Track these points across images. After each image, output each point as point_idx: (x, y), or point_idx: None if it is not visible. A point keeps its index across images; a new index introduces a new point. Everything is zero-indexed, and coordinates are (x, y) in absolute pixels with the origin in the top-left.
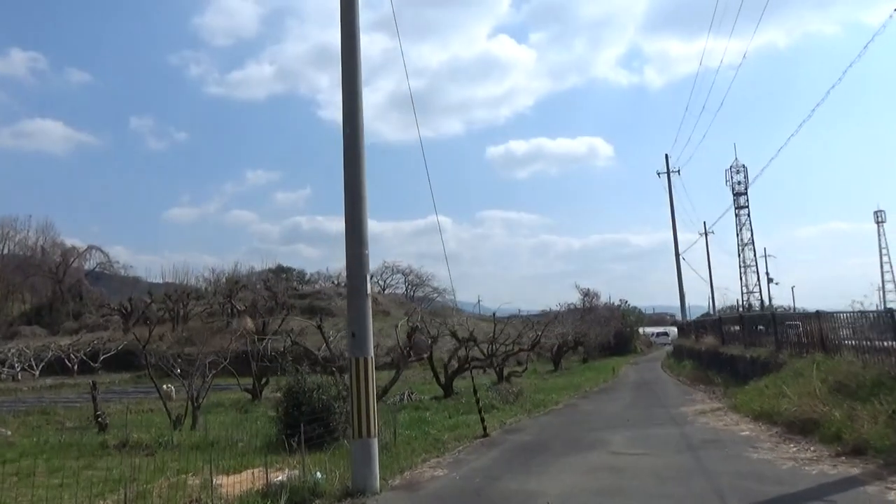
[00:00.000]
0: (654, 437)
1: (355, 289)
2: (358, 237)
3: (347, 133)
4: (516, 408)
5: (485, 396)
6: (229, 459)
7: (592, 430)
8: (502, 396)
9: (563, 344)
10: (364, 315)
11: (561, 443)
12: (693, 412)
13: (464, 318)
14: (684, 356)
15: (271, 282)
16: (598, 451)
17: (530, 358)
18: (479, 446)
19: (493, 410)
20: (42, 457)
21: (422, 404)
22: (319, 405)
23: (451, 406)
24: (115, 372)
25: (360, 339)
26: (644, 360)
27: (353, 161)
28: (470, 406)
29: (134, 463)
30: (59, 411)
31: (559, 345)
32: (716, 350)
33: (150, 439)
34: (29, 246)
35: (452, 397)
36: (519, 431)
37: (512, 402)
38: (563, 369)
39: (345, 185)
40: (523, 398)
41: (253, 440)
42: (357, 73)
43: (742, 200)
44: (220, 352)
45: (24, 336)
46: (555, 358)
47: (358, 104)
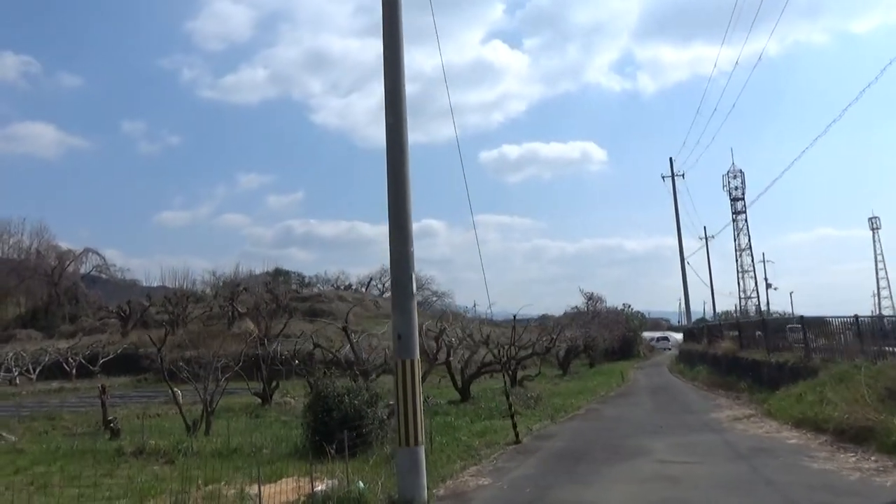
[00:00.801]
0: (697, 445)
1: (401, 288)
2: (402, 234)
3: (390, 123)
4: (539, 413)
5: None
6: (257, 467)
7: (627, 436)
8: (523, 401)
9: (571, 348)
10: (410, 316)
11: (600, 450)
12: (726, 418)
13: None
14: (696, 361)
15: (272, 284)
16: (642, 459)
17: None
18: (514, 454)
19: (516, 415)
20: (56, 465)
21: (441, 409)
22: (351, 410)
23: (470, 411)
24: (115, 375)
25: (406, 341)
26: (648, 364)
27: (397, 151)
28: (490, 411)
29: (155, 471)
30: (64, 416)
31: (567, 349)
32: (734, 355)
33: (168, 446)
34: (23, 249)
35: (470, 401)
36: (550, 438)
37: (533, 406)
38: (572, 374)
39: (388, 178)
40: (543, 403)
41: (278, 447)
42: (399, 59)
43: (739, 206)
44: (231, 355)
45: (19, 339)
46: (563, 362)
47: (401, 92)
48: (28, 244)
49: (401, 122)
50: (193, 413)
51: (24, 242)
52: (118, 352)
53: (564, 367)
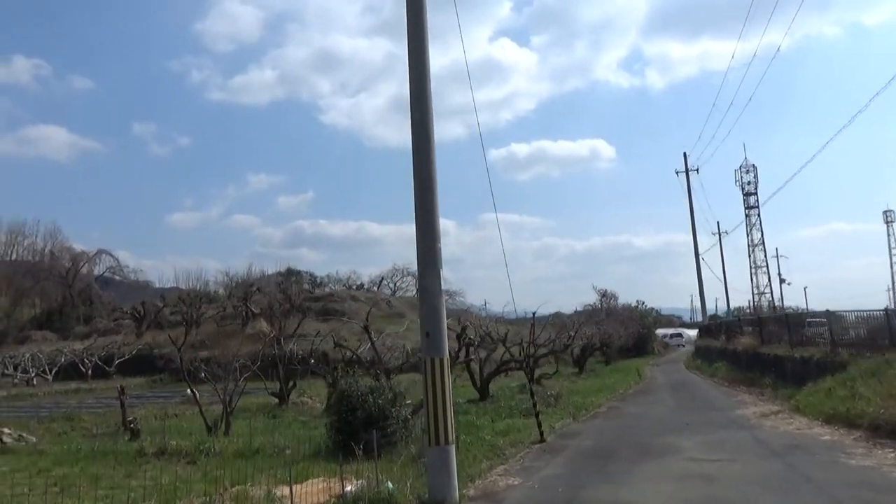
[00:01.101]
0: (728, 442)
1: (428, 285)
2: (429, 230)
3: (416, 118)
4: (559, 411)
5: (525, 400)
6: (287, 468)
7: (653, 434)
8: (543, 400)
9: (587, 346)
10: (438, 313)
11: (628, 449)
12: (752, 415)
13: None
14: (714, 357)
15: (285, 284)
16: (673, 457)
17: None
18: (540, 452)
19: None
20: (77, 466)
21: (461, 408)
22: (375, 410)
23: (491, 410)
24: (130, 376)
25: (434, 339)
26: (663, 361)
27: (423, 147)
28: (511, 410)
29: (177, 472)
30: (83, 417)
31: (583, 346)
32: (755, 351)
33: (189, 446)
34: (37, 251)
35: (489, 400)
36: (575, 436)
37: (553, 405)
38: (588, 371)
39: (414, 174)
40: (563, 401)
41: (300, 447)
42: (424, 54)
43: (752, 200)
44: (247, 355)
45: (34, 341)
46: (579, 360)
47: (426, 87)
48: (42, 246)
49: (427, 117)
50: (211, 413)
51: (38, 244)
52: (133, 352)
53: (580, 364)
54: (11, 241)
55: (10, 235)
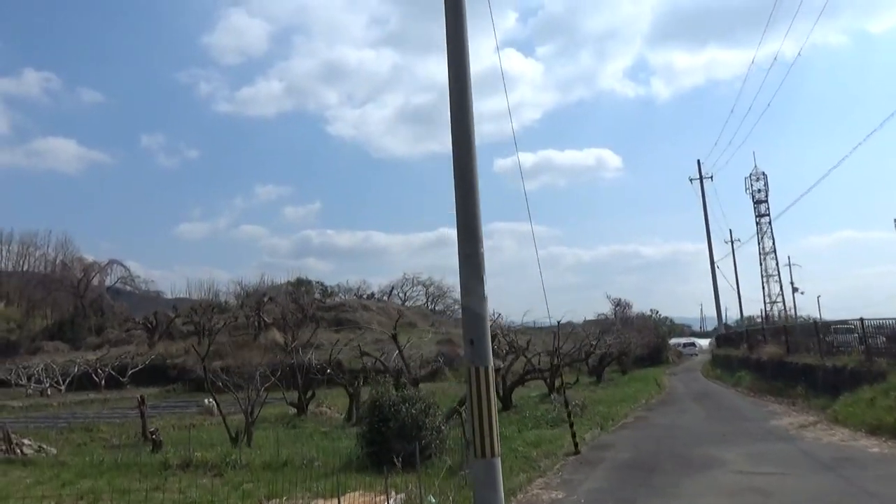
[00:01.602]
0: (772, 455)
1: (471, 291)
2: (471, 234)
3: (457, 118)
4: (586, 421)
5: (550, 410)
6: (314, 481)
7: (691, 446)
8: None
9: (604, 355)
10: (482, 320)
11: (670, 461)
12: (789, 425)
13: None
14: (735, 366)
15: (296, 294)
16: (718, 469)
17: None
18: (577, 465)
19: (563, 424)
20: (102, 478)
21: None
22: (409, 420)
23: (516, 419)
24: (143, 386)
25: (479, 347)
26: (679, 370)
27: (464, 148)
28: (536, 420)
29: (205, 484)
30: (101, 428)
31: (601, 356)
32: (781, 360)
33: (214, 458)
34: (49, 261)
35: (513, 410)
36: (609, 448)
37: (579, 415)
38: (606, 381)
39: (455, 176)
40: (588, 411)
41: (329, 459)
42: (464, 52)
43: (763, 208)
44: (266, 365)
45: (46, 351)
46: (597, 369)
47: (467, 86)
48: (53, 257)
49: (467, 117)
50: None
51: (50, 255)
52: (146, 363)
53: (598, 374)
54: (23, 252)
55: (21, 246)
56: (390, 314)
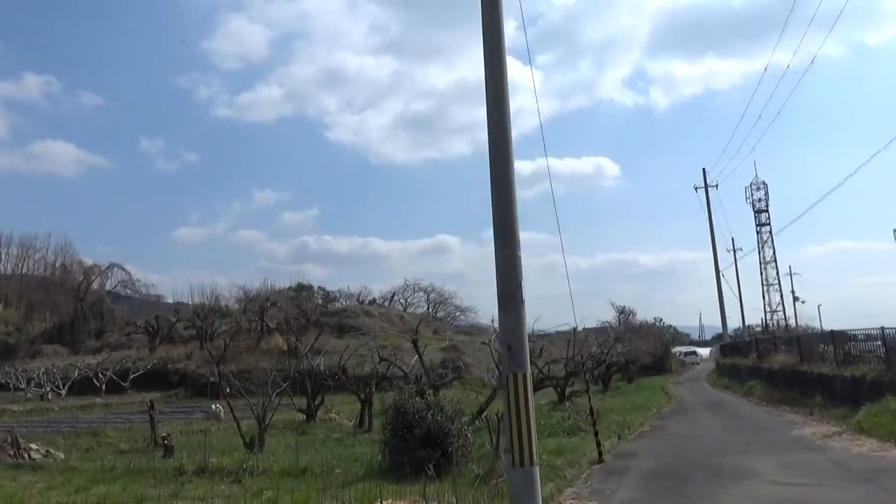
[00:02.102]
0: (803, 465)
1: (509, 295)
2: (509, 236)
3: (495, 119)
4: (603, 430)
5: (565, 417)
6: (337, 489)
7: (717, 455)
8: (584, 418)
9: (611, 363)
10: (520, 325)
11: (699, 470)
12: (812, 435)
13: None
14: (744, 375)
15: (299, 299)
16: (752, 480)
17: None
18: (603, 474)
19: (580, 433)
20: (116, 484)
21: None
22: (434, 427)
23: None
24: (145, 391)
25: (516, 353)
26: (684, 379)
27: (501, 149)
28: (552, 428)
29: (223, 491)
30: (108, 433)
31: (608, 364)
32: (794, 369)
33: (231, 464)
34: (49, 264)
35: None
36: (632, 456)
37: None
38: (612, 389)
39: (491, 178)
40: (602, 419)
41: (350, 466)
42: (501, 50)
43: (763, 218)
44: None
45: (45, 355)
46: (604, 377)
47: (504, 86)
48: (53, 259)
49: (505, 118)
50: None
51: (49, 258)
52: (148, 367)
53: (605, 382)
54: (23, 254)
55: (21, 249)
56: (392, 320)
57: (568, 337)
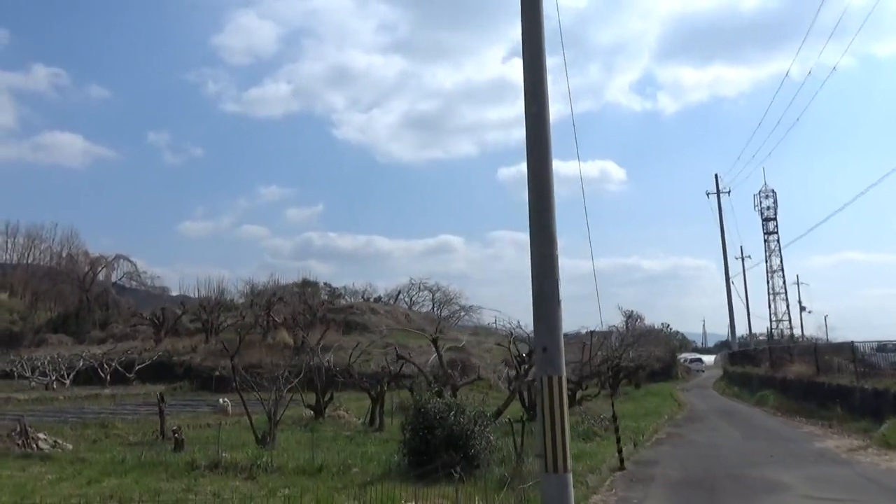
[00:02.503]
0: (833, 479)
1: (545, 296)
2: (546, 234)
3: (533, 112)
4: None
5: (579, 422)
6: (355, 488)
7: (742, 466)
8: (597, 423)
9: (620, 368)
10: (556, 326)
11: (726, 481)
12: (836, 448)
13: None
14: (756, 385)
15: (305, 295)
16: (784, 493)
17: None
18: (627, 481)
19: (595, 438)
20: (128, 477)
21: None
22: (457, 429)
23: None
24: (150, 383)
25: (551, 355)
26: (692, 386)
27: (539, 144)
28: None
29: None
30: (116, 424)
31: (618, 369)
32: (811, 380)
33: (243, 460)
34: (55, 254)
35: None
36: (654, 464)
37: (609, 429)
38: (620, 394)
39: (528, 173)
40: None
41: (367, 466)
42: (540, 42)
43: (771, 226)
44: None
45: (50, 344)
46: (613, 382)
47: (543, 79)
48: (59, 249)
49: (544, 111)
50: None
51: (55, 248)
52: (153, 359)
53: (614, 387)
54: (29, 244)
55: (27, 239)
56: (398, 318)
57: (582, 340)
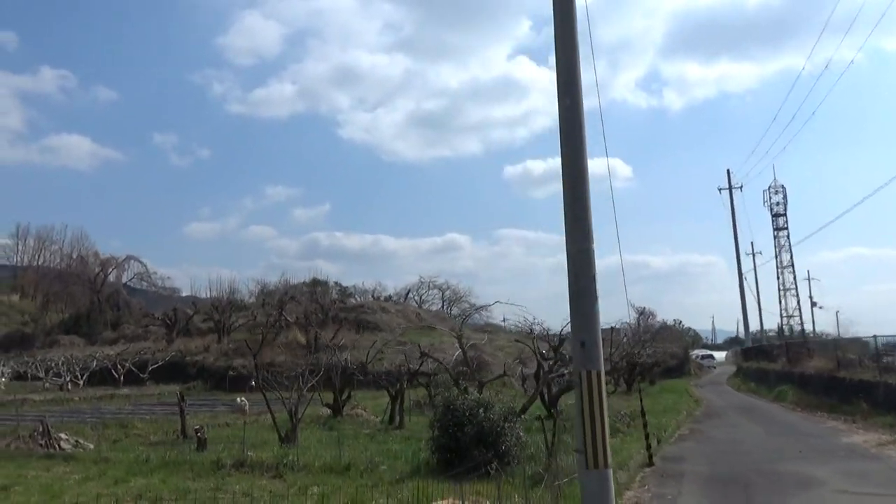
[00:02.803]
0: (867, 474)
1: (582, 290)
2: (582, 228)
3: (567, 105)
4: (639, 432)
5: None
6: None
7: (772, 462)
8: (619, 419)
9: (636, 364)
10: (594, 320)
11: (759, 477)
12: (864, 443)
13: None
14: (773, 380)
15: (317, 294)
16: (820, 488)
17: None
18: (658, 478)
19: (618, 434)
20: (155, 477)
21: (532, 424)
22: (487, 425)
23: (569, 427)
24: (163, 383)
25: (590, 349)
26: (704, 383)
27: (574, 135)
28: None
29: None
30: (136, 424)
31: (633, 365)
32: (831, 375)
33: (269, 459)
34: (65, 255)
35: (560, 417)
36: (681, 460)
37: (630, 425)
38: (635, 391)
39: (563, 165)
40: (637, 422)
41: (394, 463)
42: (573, 32)
43: (781, 222)
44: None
45: (62, 345)
46: (628, 379)
47: (576, 70)
48: (69, 251)
49: (577, 103)
50: (263, 423)
51: (66, 250)
52: (166, 359)
53: (629, 383)
54: (39, 246)
55: (37, 241)
56: (409, 317)
57: None
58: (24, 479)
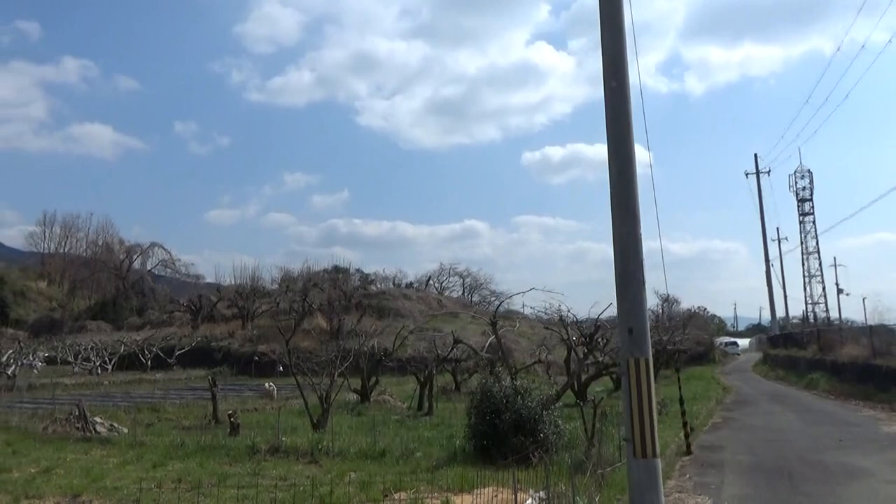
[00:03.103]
0: None
1: (629, 276)
2: (629, 212)
3: (613, 87)
4: (671, 420)
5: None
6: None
7: (813, 451)
8: None
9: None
10: (641, 307)
11: (802, 467)
12: None
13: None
14: (803, 368)
15: (338, 281)
16: (868, 479)
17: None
18: (698, 466)
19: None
20: (192, 461)
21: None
22: (525, 413)
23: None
24: (190, 368)
25: (638, 337)
26: (730, 370)
27: (620, 119)
28: (619, 416)
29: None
30: (167, 408)
31: (658, 352)
32: (866, 362)
33: (304, 444)
34: (91, 243)
35: (588, 404)
36: (719, 449)
37: (662, 412)
38: (662, 378)
39: (608, 149)
40: (666, 410)
41: (429, 450)
42: (620, 13)
43: (807, 207)
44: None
45: (90, 331)
46: (655, 366)
47: (623, 52)
48: (95, 238)
49: (624, 85)
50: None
51: (91, 237)
52: (192, 345)
53: (656, 370)
54: (65, 233)
55: (64, 228)
56: (430, 304)
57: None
58: (64, 461)
